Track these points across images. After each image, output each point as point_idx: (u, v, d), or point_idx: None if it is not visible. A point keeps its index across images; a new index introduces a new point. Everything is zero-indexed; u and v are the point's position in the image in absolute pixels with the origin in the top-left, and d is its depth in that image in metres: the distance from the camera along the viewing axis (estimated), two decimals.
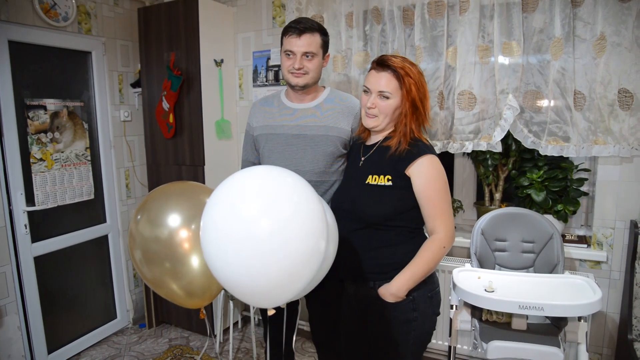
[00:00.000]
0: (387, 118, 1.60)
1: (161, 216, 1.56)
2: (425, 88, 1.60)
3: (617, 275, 2.30)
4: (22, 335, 2.66)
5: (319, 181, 1.86)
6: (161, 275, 1.56)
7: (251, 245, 1.11)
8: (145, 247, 1.56)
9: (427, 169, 1.54)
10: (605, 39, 2.10)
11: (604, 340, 2.36)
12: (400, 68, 1.55)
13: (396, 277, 1.55)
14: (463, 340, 2.55)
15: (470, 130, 2.41)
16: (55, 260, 2.88)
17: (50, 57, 2.80)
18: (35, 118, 2.66)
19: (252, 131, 2.02)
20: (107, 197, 3.21)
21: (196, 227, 1.52)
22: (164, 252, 1.53)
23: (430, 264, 1.54)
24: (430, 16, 2.42)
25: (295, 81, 1.85)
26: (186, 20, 2.87)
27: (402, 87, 1.56)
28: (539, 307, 1.71)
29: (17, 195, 2.59)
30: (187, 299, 1.61)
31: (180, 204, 1.60)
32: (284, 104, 1.96)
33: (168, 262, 1.54)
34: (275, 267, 1.13)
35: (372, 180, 1.60)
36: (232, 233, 1.13)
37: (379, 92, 1.58)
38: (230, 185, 1.23)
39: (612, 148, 2.17)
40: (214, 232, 1.17)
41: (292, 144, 1.88)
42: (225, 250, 1.14)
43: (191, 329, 3.27)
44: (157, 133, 3.10)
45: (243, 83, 3.21)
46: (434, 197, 1.54)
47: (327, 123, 1.88)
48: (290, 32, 1.82)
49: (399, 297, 1.55)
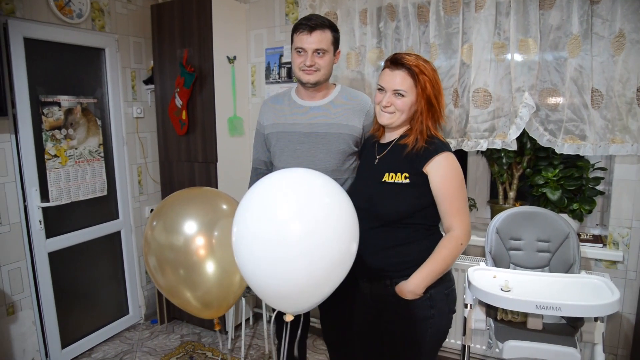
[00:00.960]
0: (403, 115, 1.60)
1: (177, 223, 1.53)
2: (439, 85, 1.60)
3: (634, 275, 2.27)
4: (36, 330, 2.69)
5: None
6: (177, 283, 1.52)
7: (283, 249, 1.11)
8: (160, 254, 1.53)
9: (445, 167, 1.53)
10: (624, 36, 2.07)
11: (619, 340, 2.34)
12: (415, 66, 1.55)
13: (414, 274, 1.54)
14: (477, 339, 2.54)
15: (485, 128, 2.39)
16: (69, 256, 2.90)
17: (64, 54, 2.81)
18: (49, 115, 2.68)
19: (262, 129, 2.01)
20: (119, 194, 3.22)
21: (213, 234, 1.49)
22: (180, 259, 1.50)
23: (448, 261, 1.53)
24: (445, 13, 2.40)
25: (306, 78, 1.84)
26: (199, 17, 2.87)
27: (417, 85, 1.56)
28: (556, 307, 1.69)
29: (32, 192, 2.61)
30: (202, 309, 1.57)
31: (197, 211, 1.56)
32: (295, 102, 1.95)
33: (183, 270, 1.50)
34: (306, 271, 1.12)
35: (389, 178, 1.59)
36: (264, 237, 1.13)
37: (394, 90, 1.58)
38: (262, 189, 1.23)
39: (630, 147, 2.14)
40: (246, 235, 1.17)
41: (304, 142, 1.87)
42: (257, 254, 1.14)
43: (203, 326, 3.28)
44: (169, 130, 3.11)
45: (255, 80, 3.21)
46: (451, 194, 1.53)
47: (339, 121, 1.87)
48: (300, 29, 1.81)
49: (417, 295, 1.54)
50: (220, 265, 1.47)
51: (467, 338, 2.11)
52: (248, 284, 1.24)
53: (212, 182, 2.97)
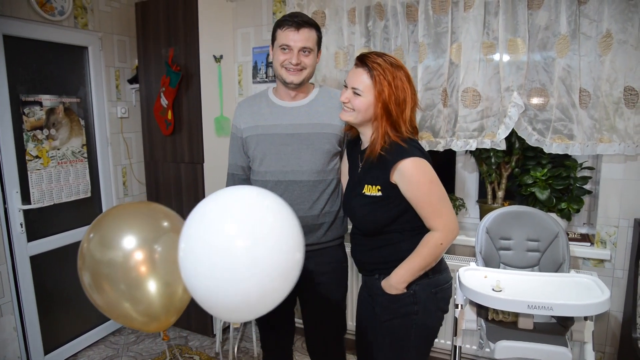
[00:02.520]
0: (360, 114, 1.57)
1: (115, 237, 1.45)
2: (405, 92, 1.52)
3: (621, 273, 2.29)
4: (18, 336, 2.61)
5: (317, 181, 1.81)
6: (117, 299, 1.45)
7: (229, 262, 1.14)
8: (96, 270, 1.44)
9: (409, 174, 1.50)
10: (611, 36, 2.09)
11: (607, 338, 2.36)
12: (377, 67, 1.51)
13: (394, 271, 1.59)
14: (467, 339, 2.54)
15: (474, 128, 2.39)
16: (52, 260, 2.82)
17: (46, 52, 2.74)
18: (30, 114, 2.61)
19: (239, 133, 1.90)
20: (104, 195, 3.15)
21: (153, 250, 1.45)
22: (118, 275, 1.42)
23: (427, 259, 1.54)
24: (434, 12, 2.40)
25: (290, 78, 1.76)
26: (185, 15, 2.82)
27: (374, 87, 1.53)
28: (547, 307, 1.70)
29: (13, 194, 2.54)
30: (148, 322, 1.51)
31: (137, 226, 1.49)
32: (274, 103, 1.87)
33: (123, 285, 1.43)
34: (252, 282, 1.15)
35: (368, 190, 1.59)
36: (211, 251, 1.15)
37: (353, 88, 1.57)
38: (209, 206, 1.25)
39: (617, 146, 2.16)
40: (194, 251, 1.19)
41: (287, 143, 1.81)
42: (204, 268, 1.16)
43: (190, 329, 3.23)
44: (155, 130, 3.05)
45: (242, 79, 3.17)
46: (424, 199, 1.52)
47: (321, 120, 1.82)
48: (286, 25, 1.73)
49: (399, 290, 1.58)
50: (163, 279, 1.44)
51: (458, 338, 2.11)
52: (194, 297, 1.26)
53: (198, 182, 2.93)
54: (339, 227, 1.91)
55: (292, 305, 2.02)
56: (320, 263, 1.86)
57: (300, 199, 1.80)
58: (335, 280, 1.94)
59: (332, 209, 1.85)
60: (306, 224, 1.77)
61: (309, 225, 1.80)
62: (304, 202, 1.80)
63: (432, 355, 2.70)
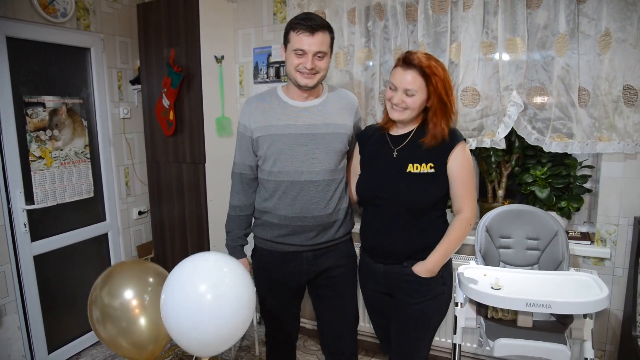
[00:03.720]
0: (414, 112, 1.71)
1: (119, 289, 1.88)
2: (450, 83, 1.70)
3: (621, 271, 2.30)
4: (22, 335, 2.64)
5: (330, 180, 1.83)
6: (116, 334, 1.86)
7: (197, 313, 1.50)
8: (103, 310, 1.86)
9: (462, 155, 1.70)
10: (610, 35, 2.09)
11: (607, 336, 2.36)
12: (427, 67, 1.63)
13: (431, 255, 1.72)
14: (467, 337, 2.55)
15: (473, 127, 2.40)
16: (55, 259, 2.85)
17: (49, 54, 2.76)
18: (34, 115, 2.63)
19: (249, 132, 1.87)
20: (106, 195, 3.18)
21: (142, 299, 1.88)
22: (118, 315, 1.85)
23: (460, 241, 1.74)
24: (433, 12, 2.40)
25: (304, 82, 1.76)
26: (186, 16, 2.84)
27: (428, 85, 1.65)
28: (546, 305, 1.71)
29: (16, 194, 2.56)
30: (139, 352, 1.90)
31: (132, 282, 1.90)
32: (286, 103, 1.86)
33: (125, 323, 1.84)
34: (216, 329, 1.53)
35: (414, 168, 1.70)
36: (184, 304, 1.51)
37: (405, 89, 1.66)
38: (184, 269, 1.60)
39: (617, 144, 2.16)
40: (171, 302, 1.55)
41: (301, 143, 1.80)
42: (179, 316, 1.52)
43: None
44: (157, 130, 3.07)
45: (244, 80, 3.19)
46: (466, 179, 1.70)
47: (333, 120, 1.85)
48: (301, 28, 1.71)
49: (434, 273, 1.73)
50: (152, 320, 1.86)
51: (457, 336, 2.12)
52: (171, 337, 1.61)
53: (200, 182, 2.95)
54: (349, 222, 1.97)
55: (299, 303, 2.04)
56: (335, 258, 1.92)
57: (316, 199, 1.82)
58: (349, 273, 1.99)
59: (342, 206, 1.90)
60: (321, 223, 1.84)
61: (324, 224, 1.85)
62: (319, 201, 1.82)
63: (432, 354, 2.71)
